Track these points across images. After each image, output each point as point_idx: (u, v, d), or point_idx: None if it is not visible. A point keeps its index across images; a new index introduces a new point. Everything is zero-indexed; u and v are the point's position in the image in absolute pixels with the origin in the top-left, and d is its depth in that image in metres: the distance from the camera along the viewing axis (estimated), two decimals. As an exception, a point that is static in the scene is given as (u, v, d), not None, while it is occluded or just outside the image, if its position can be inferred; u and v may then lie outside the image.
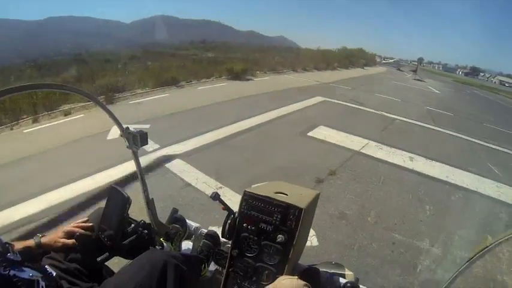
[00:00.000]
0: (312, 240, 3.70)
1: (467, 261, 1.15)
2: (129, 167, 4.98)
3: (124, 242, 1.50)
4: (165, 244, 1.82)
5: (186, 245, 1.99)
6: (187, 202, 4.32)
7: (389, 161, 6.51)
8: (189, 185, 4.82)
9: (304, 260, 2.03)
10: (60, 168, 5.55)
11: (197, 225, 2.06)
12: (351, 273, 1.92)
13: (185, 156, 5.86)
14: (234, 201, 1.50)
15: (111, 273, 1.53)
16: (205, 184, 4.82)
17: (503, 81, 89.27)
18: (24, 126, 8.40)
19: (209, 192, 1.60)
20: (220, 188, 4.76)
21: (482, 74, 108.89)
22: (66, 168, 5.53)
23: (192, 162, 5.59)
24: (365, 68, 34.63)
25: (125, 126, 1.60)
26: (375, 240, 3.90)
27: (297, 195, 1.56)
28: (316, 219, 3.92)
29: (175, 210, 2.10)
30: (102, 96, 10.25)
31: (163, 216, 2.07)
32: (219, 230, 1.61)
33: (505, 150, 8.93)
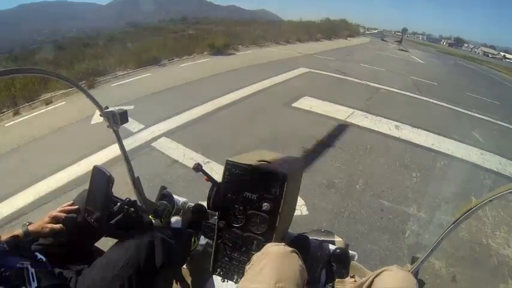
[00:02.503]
0: (302, 209, 3.77)
1: (453, 223, 1.17)
2: (115, 149, 4.97)
3: (111, 222, 1.50)
4: (153, 221, 1.82)
5: (176, 220, 1.98)
6: (175, 179, 4.35)
7: (375, 129, 6.62)
8: (176, 161, 4.86)
9: (295, 229, 2.05)
10: (46, 158, 5.55)
11: (184, 199, 2.05)
12: (341, 239, 1.96)
13: (171, 133, 5.85)
14: (221, 174, 1.52)
15: (101, 253, 1.55)
16: (192, 160, 4.81)
17: (486, 52, 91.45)
18: (5, 120, 8.34)
19: None
20: (208, 162, 4.76)
21: (466, 44, 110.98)
22: (51, 157, 5.53)
23: (177, 139, 5.60)
24: (348, 38, 34.52)
25: (104, 105, 1.56)
26: (364, 207, 4.01)
27: (280, 162, 1.55)
28: (305, 189, 4.02)
29: (163, 188, 2.09)
30: (83, 81, 10.04)
31: (153, 195, 2.04)
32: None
33: (488, 118, 9.24)
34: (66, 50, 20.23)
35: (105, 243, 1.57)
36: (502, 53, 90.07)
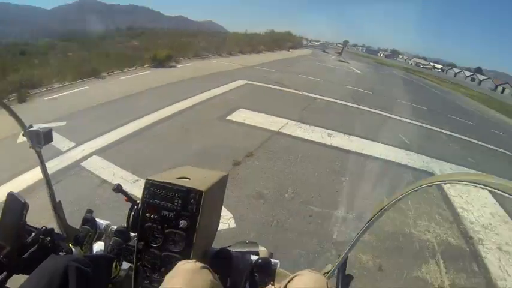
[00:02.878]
0: (230, 222, 3.80)
1: (367, 223, 1.23)
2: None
3: (24, 256, 1.37)
4: (73, 249, 1.71)
5: (98, 246, 1.90)
6: (104, 200, 4.15)
7: (307, 138, 6.93)
8: (105, 182, 4.65)
9: (221, 243, 2.06)
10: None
11: (107, 223, 1.97)
12: (264, 249, 2.00)
13: (102, 151, 5.60)
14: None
15: None
16: (122, 179, 4.66)
17: (418, 62, 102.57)
18: None
19: (125, 187, 1.53)
20: (137, 180, 4.62)
21: (401, 56, 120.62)
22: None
23: (108, 157, 5.38)
24: (291, 50, 35.90)
25: (28, 124, 1.47)
26: (293, 215, 4.15)
27: (200, 178, 1.56)
28: (233, 202, 4.07)
29: (89, 211, 1.99)
30: (13, 94, 9.19)
31: (78, 220, 1.94)
32: None
33: (415, 122, 10.08)
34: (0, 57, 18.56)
35: (18, 281, 1.45)
36: (432, 63, 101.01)
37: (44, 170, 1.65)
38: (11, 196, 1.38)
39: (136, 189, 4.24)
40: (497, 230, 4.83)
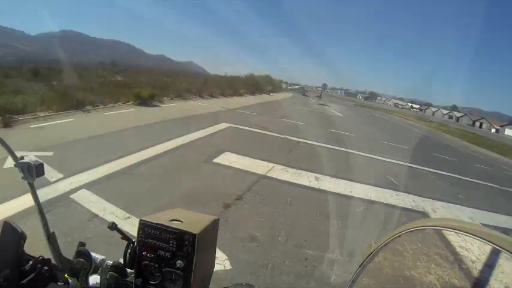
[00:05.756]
0: (225, 264, 3.87)
1: (359, 267, 1.38)
2: (30, 198, 4.54)
3: (22, 282, 1.46)
4: (70, 280, 1.78)
5: (94, 279, 1.97)
6: (95, 234, 4.17)
7: (295, 182, 7.17)
8: (96, 216, 4.69)
9: (217, 284, 2.16)
10: None
11: (103, 257, 2.05)
12: None
13: (91, 186, 5.65)
14: (141, 229, 1.63)
15: None
16: (113, 214, 4.73)
17: (396, 103, 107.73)
18: None
19: (117, 222, 1.66)
20: (128, 217, 4.68)
21: (379, 97, 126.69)
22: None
23: (98, 192, 5.43)
24: (271, 94, 37.27)
25: (19, 155, 1.60)
26: (287, 257, 4.24)
27: (192, 221, 1.74)
28: (227, 243, 4.18)
29: (81, 244, 2.06)
30: None
31: (71, 250, 2.02)
32: None
33: (400, 162, 10.53)
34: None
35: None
36: (410, 104, 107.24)
37: (37, 201, 1.76)
38: (7, 225, 1.47)
39: (128, 226, 4.34)
40: (501, 268, 4.95)
